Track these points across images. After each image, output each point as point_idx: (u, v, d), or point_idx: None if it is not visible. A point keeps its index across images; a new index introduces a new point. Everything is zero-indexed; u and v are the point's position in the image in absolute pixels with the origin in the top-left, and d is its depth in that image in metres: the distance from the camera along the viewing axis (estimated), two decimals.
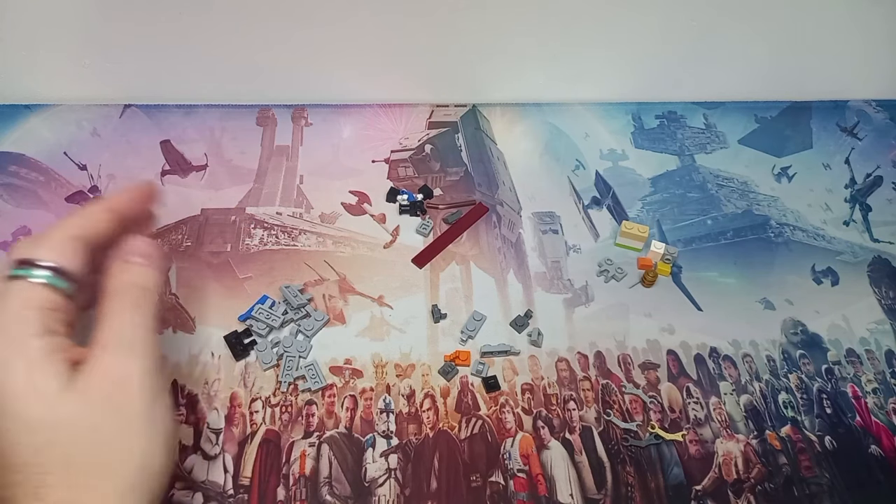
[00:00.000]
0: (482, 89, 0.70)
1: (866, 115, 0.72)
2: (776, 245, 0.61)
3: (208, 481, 0.46)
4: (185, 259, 0.57)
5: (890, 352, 0.55)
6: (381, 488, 0.46)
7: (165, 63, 0.64)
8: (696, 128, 0.70)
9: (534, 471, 0.47)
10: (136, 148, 0.65)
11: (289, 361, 0.51)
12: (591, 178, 0.65)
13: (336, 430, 0.49)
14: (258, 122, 0.68)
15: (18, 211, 0.60)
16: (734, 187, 0.65)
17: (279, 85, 0.68)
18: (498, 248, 0.60)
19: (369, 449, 0.48)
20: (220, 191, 0.62)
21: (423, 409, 0.50)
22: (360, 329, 0.54)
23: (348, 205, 0.62)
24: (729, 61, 0.68)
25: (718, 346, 0.54)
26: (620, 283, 0.58)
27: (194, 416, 0.49)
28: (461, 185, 0.64)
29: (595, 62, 0.67)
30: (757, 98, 0.72)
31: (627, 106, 0.71)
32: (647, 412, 0.51)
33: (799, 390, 0.52)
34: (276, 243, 0.59)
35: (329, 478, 0.47)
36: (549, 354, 0.53)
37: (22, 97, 0.66)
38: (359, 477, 0.47)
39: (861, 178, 0.67)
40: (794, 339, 0.55)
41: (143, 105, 0.68)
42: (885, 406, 0.52)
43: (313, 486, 0.46)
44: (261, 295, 0.55)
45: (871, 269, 0.60)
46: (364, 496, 0.46)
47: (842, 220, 0.63)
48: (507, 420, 0.50)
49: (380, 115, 0.69)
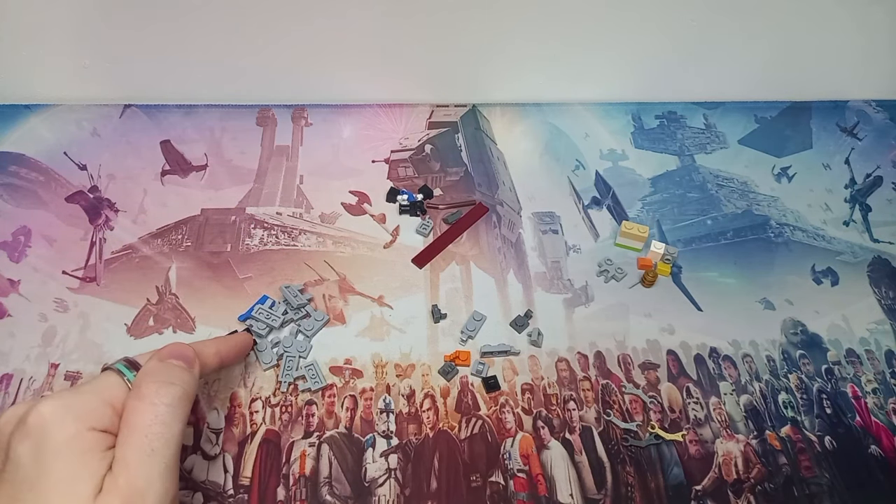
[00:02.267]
0: (482, 89, 0.70)
1: (866, 115, 0.72)
2: (776, 245, 0.61)
3: (208, 481, 0.46)
4: (185, 259, 0.57)
5: (890, 352, 0.55)
6: (381, 488, 0.46)
7: (165, 63, 0.64)
8: (696, 128, 0.70)
9: (534, 471, 0.47)
10: (136, 148, 0.65)
11: (289, 361, 0.51)
12: (591, 178, 0.65)
13: (336, 430, 0.49)
14: (258, 122, 0.68)
15: (18, 211, 0.60)
16: (734, 187, 0.65)
17: (279, 85, 0.68)
18: (498, 248, 0.60)
19: (369, 449, 0.48)
20: (220, 191, 0.62)
21: (423, 409, 0.50)
22: (360, 329, 0.54)
23: (348, 205, 0.62)
24: (729, 61, 0.68)
25: (718, 346, 0.54)
26: (620, 283, 0.58)
27: (194, 416, 0.49)
28: (461, 185, 0.64)
29: (595, 62, 0.67)
30: (757, 98, 0.72)
31: (627, 106, 0.71)
32: (647, 412, 0.51)
33: (799, 390, 0.52)
34: (276, 243, 0.59)
35: (329, 478, 0.47)
36: (549, 354, 0.53)
37: (22, 97, 0.66)
38: (359, 477, 0.47)
39: (861, 178, 0.67)
40: (794, 340, 0.55)
41: (143, 105, 0.68)
42: (884, 406, 0.52)
43: (313, 486, 0.46)
44: (261, 295, 0.55)
45: (870, 269, 0.60)
46: (364, 496, 0.46)
47: (842, 220, 0.63)
48: (507, 420, 0.50)
49: (380, 115, 0.69)
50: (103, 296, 0.55)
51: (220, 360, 0.45)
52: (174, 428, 0.37)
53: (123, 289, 0.55)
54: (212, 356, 0.44)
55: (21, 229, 0.58)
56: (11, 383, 0.50)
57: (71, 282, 0.55)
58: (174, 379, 0.39)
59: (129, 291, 0.55)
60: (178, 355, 0.40)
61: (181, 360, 0.40)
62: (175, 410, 0.37)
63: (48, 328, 0.53)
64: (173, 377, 0.39)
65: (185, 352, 0.41)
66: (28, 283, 0.55)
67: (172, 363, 0.40)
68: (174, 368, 0.39)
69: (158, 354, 0.40)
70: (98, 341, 0.52)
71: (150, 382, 0.38)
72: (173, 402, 0.37)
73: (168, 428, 0.37)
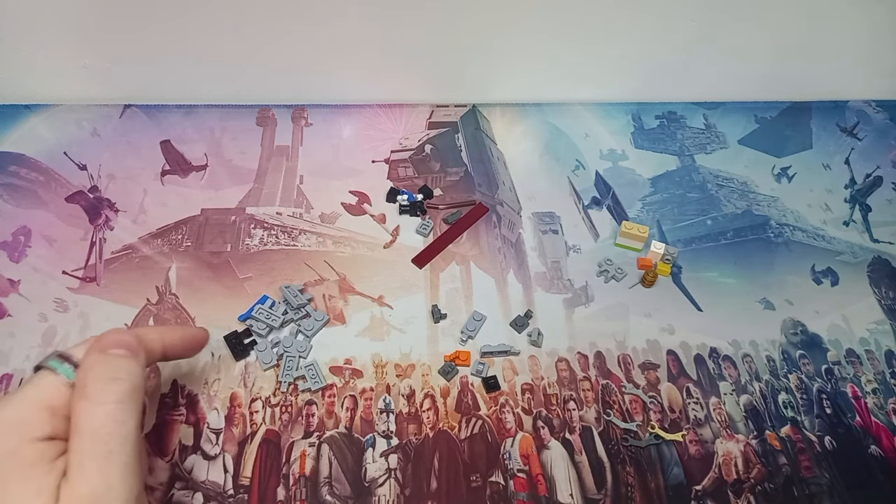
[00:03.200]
0: (482, 89, 0.70)
1: (866, 115, 0.72)
2: (776, 245, 0.61)
3: (208, 481, 0.46)
4: (185, 259, 0.57)
5: (890, 352, 0.55)
6: (381, 488, 0.46)
7: (165, 63, 0.64)
8: (696, 128, 0.70)
9: (534, 471, 0.47)
10: (136, 148, 0.65)
11: (289, 361, 0.51)
12: (591, 178, 0.65)
13: (336, 430, 0.49)
14: (258, 122, 0.68)
15: (18, 211, 0.60)
16: (734, 187, 0.65)
17: (279, 85, 0.68)
18: (498, 248, 0.60)
19: (369, 449, 0.48)
20: (220, 191, 0.62)
21: (423, 409, 0.50)
22: (360, 329, 0.54)
23: (348, 205, 0.62)
24: (729, 61, 0.68)
25: (718, 346, 0.54)
26: (620, 283, 0.58)
27: (194, 416, 0.49)
28: (461, 185, 0.64)
29: (595, 62, 0.67)
30: (757, 98, 0.72)
31: (627, 106, 0.71)
32: (647, 412, 0.51)
33: (799, 390, 0.52)
34: (276, 243, 0.59)
35: (329, 478, 0.47)
36: (549, 354, 0.53)
37: (22, 97, 0.66)
38: (359, 477, 0.47)
39: (861, 178, 0.67)
40: (794, 340, 0.55)
41: (143, 105, 0.68)
42: (884, 406, 0.52)
43: (313, 486, 0.46)
44: (261, 295, 0.55)
45: (870, 269, 0.60)
46: (364, 496, 0.46)
47: (842, 220, 0.64)
48: (507, 420, 0.50)
49: (380, 115, 0.69)
50: (103, 296, 0.55)
51: (163, 348, 0.41)
52: (129, 424, 0.35)
53: (123, 289, 0.55)
54: (155, 342, 0.40)
55: (21, 229, 0.58)
56: (11, 383, 0.50)
57: (71, 282, 0.55)
58: (120, 373, 0.36)
59: (129, 291, 0.55)
60: (119, 343, 0.37)
61: (124, 348, 0.37)
62: (126, 406, 0.35)
63: (48, 328, 0.53)
64: (119, 371, 0.36)
65: (126, 340, 0.37)
66: (28, 283, 0.55)
67: (114, 353, 0.36)
68: (117, 360, 0.36)
69: (98, 345, 0.37)
70: None
71: (94, 381, 0.35)
72: (122, 398, 0.35)
73: (122, 426, 0.34)
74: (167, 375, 0.50)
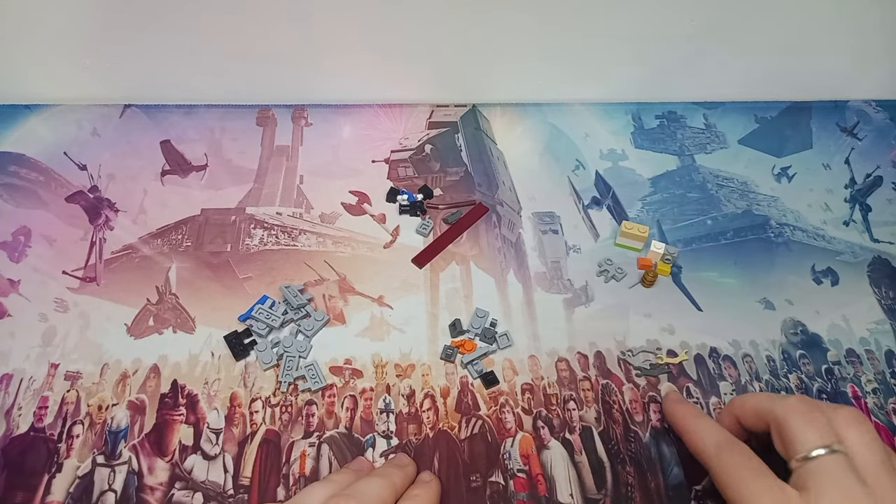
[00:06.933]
0: (482, 89, 0.70)
1: (866, 115, 0.72)
2: (776, 245, 0.61)
3: (208, 481, 0.46)
4: (185, 259, 0.57)
5: (890, 352, 0.55)
6: None
7: (165, 63, 0.64)
8: (696, 128, 0.70)
9: (534, 471, 0.47)
10: (136, 148, 0.65)
11: (289, 361, 0.51)
12: (591, 178, 0.65)
13: (336, 430, 0.49)
14: (258, 122, 0.68)
15: (18, 211, 0.60)
16: (734, 187, 0.65)
17: (279, 85, 0.68)
18: (498, 248, 0.60)
19: (369, 449, 0.48)
20: (220, 191, 0.62)
21: (423, 409, 0.50)
22: (360, 329, 0.54)
23: (348, 205, 0.62)
24: (729, 61, 0.68)
25: (718, 346, 0.54)
26: (620, 283, 0.58)
27: (194, 416, 0.49)
28: (461, 185, 0.64)
29: (595, 62, 0.67)
30: (757, 98, 0.72)
31: (627, 106, 0.71)
32: (647, 412, 0.51)
33: (799, 390, 0.52)
34: (276, 243, 0.59)
35: None
36: (549, 354, 0.53)
37: (22, 97, 0.66)
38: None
39: (861, 178, 0.67)
40: (794, 340, 0.55)
41: (143, 105, 0.68)
42: (884, 406, 0.52)
43: None
44: (261, 295, 0.55)
45: (870, 269, 0.60)
46: None
47: (842, 220, 0.63)
48: (507, 420, 0.50)
49: (380, 115, 0.69)
50: (103, 296, 0.55)
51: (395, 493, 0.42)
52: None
53: (123, 289, 0.55)
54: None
55: (21, 229, 0.58)
56: (11, 383, 0.50)
57: (71, 282, 0.55)
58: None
59: (129, 291, 0.55)
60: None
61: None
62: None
63: (48, 328, 0.53)
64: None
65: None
66: (28, 283, 0.55)
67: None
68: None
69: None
70: (98, 341, 0.52)
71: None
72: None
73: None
74: (167, 375, 0.51)
